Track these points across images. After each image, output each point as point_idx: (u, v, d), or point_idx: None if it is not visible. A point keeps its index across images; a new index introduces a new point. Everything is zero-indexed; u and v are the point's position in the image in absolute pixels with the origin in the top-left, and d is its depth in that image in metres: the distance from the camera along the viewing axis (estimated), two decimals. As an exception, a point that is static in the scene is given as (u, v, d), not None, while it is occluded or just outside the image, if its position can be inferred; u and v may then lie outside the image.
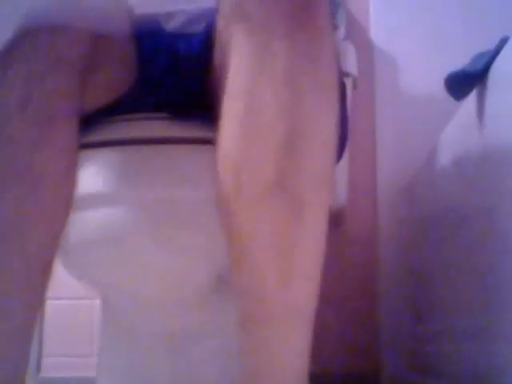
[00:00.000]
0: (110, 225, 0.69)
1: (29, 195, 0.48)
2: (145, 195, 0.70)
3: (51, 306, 1.25)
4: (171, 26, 0.79)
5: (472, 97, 0.74)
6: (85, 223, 0.66)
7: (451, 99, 0.80)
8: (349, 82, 1.01)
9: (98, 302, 1.18)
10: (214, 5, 0.82)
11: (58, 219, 0.51)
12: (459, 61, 0.77)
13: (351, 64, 1.03)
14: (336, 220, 1.18)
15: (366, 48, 1.28)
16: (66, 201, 0.52)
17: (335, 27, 1.11)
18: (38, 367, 1.23)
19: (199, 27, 0.77)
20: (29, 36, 0.49)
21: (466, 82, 0.73)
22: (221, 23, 0.56)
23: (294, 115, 0.46)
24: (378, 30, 1.28)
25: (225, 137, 0.49)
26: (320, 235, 0.48)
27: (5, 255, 0.47)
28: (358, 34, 1.29)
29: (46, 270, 0.50)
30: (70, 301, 1.24)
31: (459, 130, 0.82)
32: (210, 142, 0.69)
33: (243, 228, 0.48)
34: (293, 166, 0.46)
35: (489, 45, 0.70)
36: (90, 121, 0.60)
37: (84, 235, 0.68)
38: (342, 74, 0.87)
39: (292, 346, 0.47)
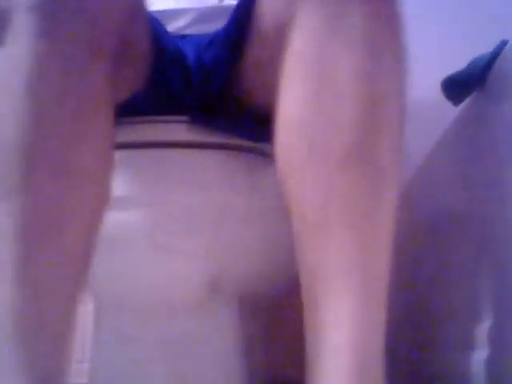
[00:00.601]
0: (106, 229, 0.69)
1: (70, 191, 0.47)
2: (143, 199, 0.70)
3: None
4: (176, 25, 0.79)
5: (470, 100, 0.74)
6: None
7: (449, 102, 0.79)
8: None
9: (90, 306, 1.17)
10: (219, 3, 0.82)
11: (96, 217, 0.50)
12: (457, 64, 0.76)
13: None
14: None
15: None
16: (104, 198, 0.51)
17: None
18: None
19: (205, 27, 0.76)
20: (60, 25, 0.47)
21: (464, 86, 0.72)
22: (273, 3, 0.54)
23: (372, 79, 0.45)
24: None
25: (291, 103, 0.47)
26: (394, 206, 0.46)
27: (45, 250, 0.46)
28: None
29: (83, 268, 0.49)
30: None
31: (457, 134, 0.82)
32: (214, 146, 0.69)
33: (314, 200, 0.46)
34: (372, 131, 0.45)
35: (487, 48, 0.69)
36: None
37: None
38: None
39: (366, 320, 0.44)
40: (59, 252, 0.46)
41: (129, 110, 0.67)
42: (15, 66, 0.46)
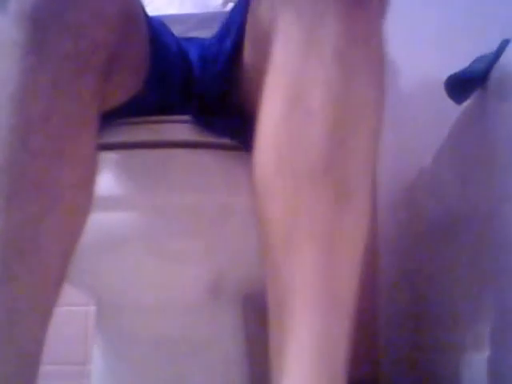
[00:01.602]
0: (108, 231, 0.69)
1: (50, 210, 0.47)
2: (143, 201, 0.70)
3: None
4: (181, 29, 0.79)
5: (473, 100, 0.73)
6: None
7: (452, 101, 0.79)
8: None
9: (92, 308, 1.17)
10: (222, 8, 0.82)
11: (75, 234, 0.50)
12: (459, 63, 0.75)
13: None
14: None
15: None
16: (84, 213, 0.51)
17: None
18: (33, 374, 1.22)
19: (209, 31, 0.76)
20: (50, 39, 0.46)
21: (467, 85, 0.72)
22: (260, 10, 0.54)
23: (345, 97, 0.45)
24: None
25: (269, 114, 0.47)
26: (364, 227, 0.47)
27: (22, 272, 0.46)
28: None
29: (59, 285, 0.49)
30: (64, 307, 1.22)
31: (460, 132, 0.82)
32: (214, 146, 0.69)
33: (281, 214, 0.46)
34: (341, 152, 0.45)
35: (489, 47, 0.69)
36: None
37: (82, 240, 0.68)
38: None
39: (329, 333, 0.45)
40: (35, 272, 0.46)
41: (130, 110, 0.67)
42: (3, 81, 0.46)
